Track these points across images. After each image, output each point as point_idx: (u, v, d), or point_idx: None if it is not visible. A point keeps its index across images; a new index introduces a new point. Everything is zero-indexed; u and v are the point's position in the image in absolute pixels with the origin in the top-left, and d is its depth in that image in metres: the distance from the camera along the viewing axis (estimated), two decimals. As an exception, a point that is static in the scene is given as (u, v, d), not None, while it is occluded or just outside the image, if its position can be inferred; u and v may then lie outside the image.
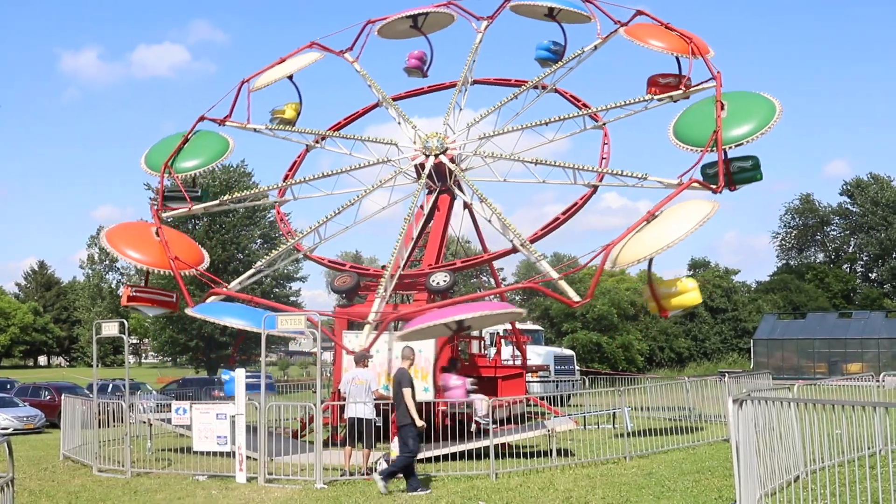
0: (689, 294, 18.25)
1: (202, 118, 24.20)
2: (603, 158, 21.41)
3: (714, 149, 18.48)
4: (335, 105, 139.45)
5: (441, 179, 22.26)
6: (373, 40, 25.54)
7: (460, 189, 22.62)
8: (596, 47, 22.74)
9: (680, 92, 20.67)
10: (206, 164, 23.60)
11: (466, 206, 23.86)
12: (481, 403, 17.73)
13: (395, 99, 24.83)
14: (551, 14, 24.40)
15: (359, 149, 23.70)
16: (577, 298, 18.68)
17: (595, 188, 20.94)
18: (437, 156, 22.02)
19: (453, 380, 18.61)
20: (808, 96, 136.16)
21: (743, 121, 18.90)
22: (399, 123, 23.76)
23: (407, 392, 13.57)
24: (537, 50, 24.42)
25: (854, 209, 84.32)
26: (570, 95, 23.49)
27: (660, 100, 21.01)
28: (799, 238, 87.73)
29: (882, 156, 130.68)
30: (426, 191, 22.72)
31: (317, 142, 24.60)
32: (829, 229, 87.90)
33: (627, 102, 21.36)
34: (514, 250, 20.84)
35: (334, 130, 24.83)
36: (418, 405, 17.69)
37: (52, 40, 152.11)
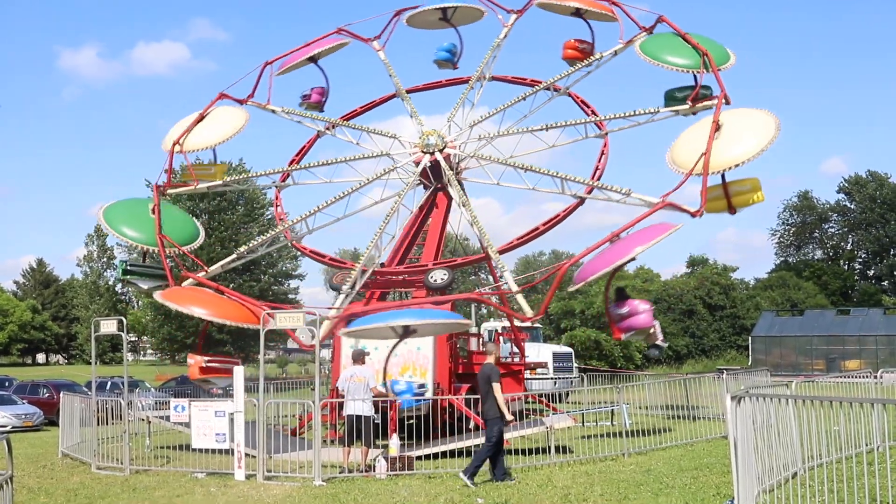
0: (759, 192, 18.39)
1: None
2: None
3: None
4: (345, 94, 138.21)
5: (437, 177, 22.27)
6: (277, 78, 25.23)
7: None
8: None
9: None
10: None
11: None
12: (658, 327, 17.88)
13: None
14: (445, 17, 25.12)
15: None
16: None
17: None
18: (432, 153, 22.03)
19: (642, 304, 18.19)
20: (806, 93, 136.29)
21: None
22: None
23: (496, 386, 13.59)
24: (438, 52, 24.84)
25: (852, 206, 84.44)
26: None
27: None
28: (797, 235, 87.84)
29: (880, 153, 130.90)
30: (422, 187, 22.78)
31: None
32: (827, 226, 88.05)
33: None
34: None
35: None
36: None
37: (51, 38, 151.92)
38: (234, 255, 22.94)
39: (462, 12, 25.00)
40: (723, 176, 18.22)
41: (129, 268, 21.60)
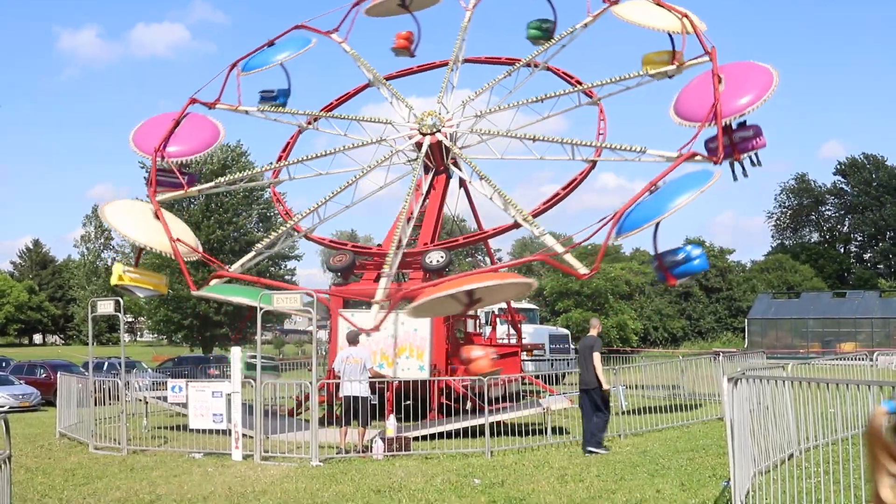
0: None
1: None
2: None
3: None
4: (324, 87, 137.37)
5: (437, 159, 22.18)
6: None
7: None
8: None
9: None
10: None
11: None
12: None
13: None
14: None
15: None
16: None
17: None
18: (432, 134, 21.92)
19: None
20: (804, 77, 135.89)
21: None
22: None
23: (597, 356, 14.54)
24: (261, 94, 24.41)
25: (848, 189, 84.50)
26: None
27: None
28: (793, 218, 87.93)
29: (876, 136, 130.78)
30: (423, 170, 22.68)
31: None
32: (823, 209, 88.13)
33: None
34: (517, 225, 20.59)
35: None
36: (412, 384, 17.81)
37: (51, 19, 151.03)
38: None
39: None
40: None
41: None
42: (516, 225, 20.54)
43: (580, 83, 22.29)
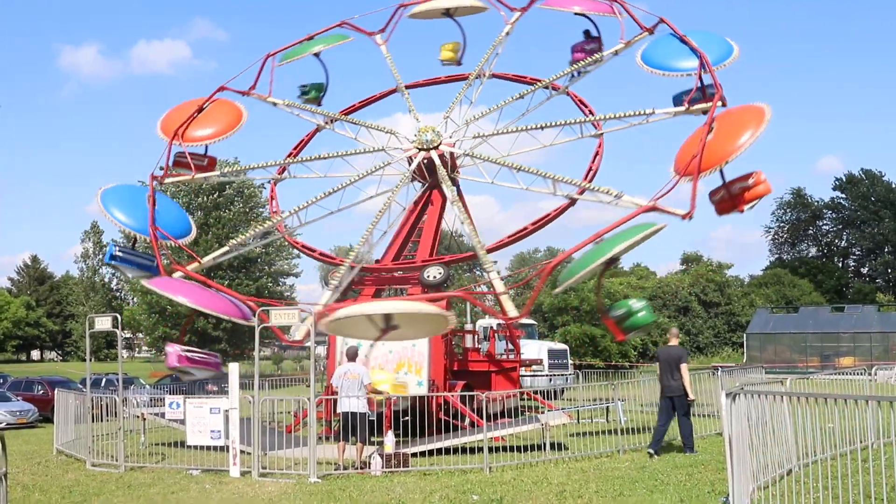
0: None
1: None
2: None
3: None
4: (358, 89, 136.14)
5: (432, 175, 22.21)
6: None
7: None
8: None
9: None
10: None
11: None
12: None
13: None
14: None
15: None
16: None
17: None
18: (427, 150, 21.94)
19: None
20: (801, 91, 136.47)
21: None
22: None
23: (684, 367, 15.66)
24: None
25: (846, 204, 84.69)
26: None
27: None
28: (791, 232, 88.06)
29: (874, 151, 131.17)
30: (418, 184, 22.73)
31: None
32: (821, 224, 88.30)
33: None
34: (519, 238, 21.41)
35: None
36: (411, 399, 17.79)
37: (52, 35, 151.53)
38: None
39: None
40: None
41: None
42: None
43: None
